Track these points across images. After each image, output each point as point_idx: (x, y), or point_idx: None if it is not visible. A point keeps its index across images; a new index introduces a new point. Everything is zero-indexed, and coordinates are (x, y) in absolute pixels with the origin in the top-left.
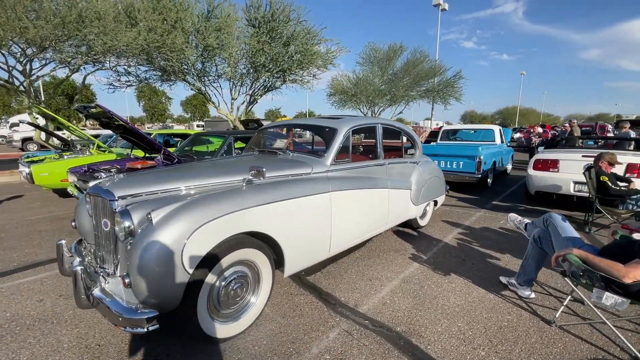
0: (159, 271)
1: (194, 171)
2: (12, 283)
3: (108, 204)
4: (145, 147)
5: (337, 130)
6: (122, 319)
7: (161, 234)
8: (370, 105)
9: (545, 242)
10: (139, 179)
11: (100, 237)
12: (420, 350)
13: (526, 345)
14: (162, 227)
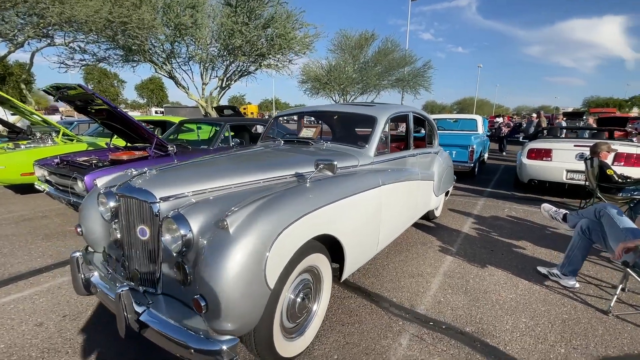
0: (243, 291)
1: (234, 165)
2: None
3: (147, 207)
4: (133, 136)
5: (377, 119)
6: (193, 351)
7: (242, 245)
8: (343, 93)
9: (594, 233)
10: (179, 175)
11: (133, 248)
12: (501, 352)
13: (597, 337)
14: (242, 236)
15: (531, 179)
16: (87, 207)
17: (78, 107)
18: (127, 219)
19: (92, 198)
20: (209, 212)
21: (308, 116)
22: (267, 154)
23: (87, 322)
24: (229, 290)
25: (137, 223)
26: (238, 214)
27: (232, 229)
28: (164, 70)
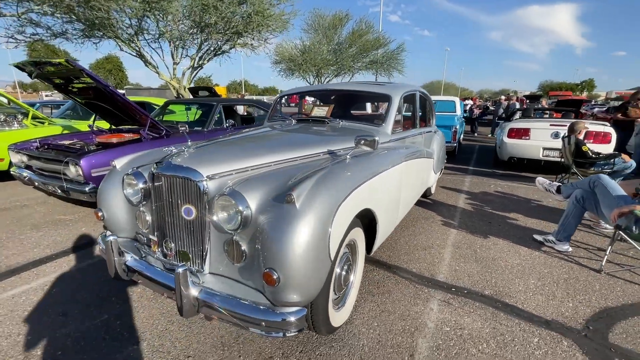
0: (312, 263)
1: (269, 143)
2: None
3: (194, 185)
4: (121, 118)
5: (392, 97)
6: (265, 323)
7: (309, 219)
8: (317, 75)
9: (588, 201)
10: (221, 153)
11: (175, 229)
12: (520, 310)
13: (595, 292)
14: (308, 210)
15: (511, 156)
16: (107, 190)
17: (57, 86)
18: (168, 199)
19: (111, 180)
20: (262, 188)
21: (310, 95)
22: (293, 132)
23: (113, 308)
24: (301, 262)
25: (182, 203)
26: (301, 189)
27: (299, 204)
28: (131, 47)
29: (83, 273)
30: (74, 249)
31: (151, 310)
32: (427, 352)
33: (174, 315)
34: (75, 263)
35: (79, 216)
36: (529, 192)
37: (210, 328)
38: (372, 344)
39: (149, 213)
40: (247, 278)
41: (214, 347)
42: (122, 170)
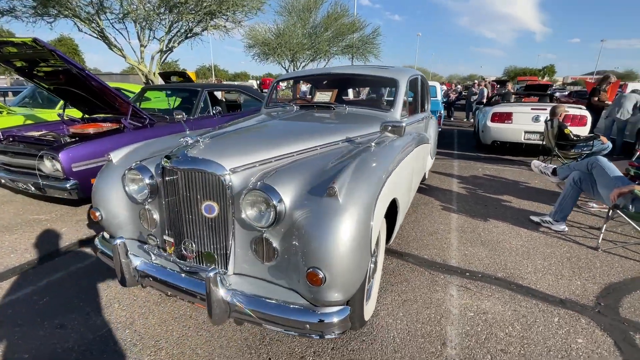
0: (357, 259)
1: (287, 132)
2: None
3: (216, 180)
4: (98, 105)
5: (399, 82)
6: (309, 325)
7: (352, 213)
8: (293, 59)
9: (585, 183)
10: (241, 143)
11: (194, 228)
12: (534, 290)
13: (598, 269)
14: (351, 204)
15: (494, 140)
16: (105, 187)
17: (20, 69)
18: (185, 195)
19: (108, 176)
20: (292, 181)
21: (311, 80)
22: (304, 119)
23: (119, 316)
24: (348, 260)
25: (202, 199)
26: (341, 180)
27: (341, 197)
28: (91, 28)
29: (74, 278)
30: (58, 253)
31: (161, 315)
32: (458, 340)
33: (188, 319)
34: (63, 268)
35: (56, 215)
36: (514, 174)
37: (231, 330)
38: (403, 335)
39: (157, 211)
40: (279, 277)
41: (240, 350)
42: (120, 165)
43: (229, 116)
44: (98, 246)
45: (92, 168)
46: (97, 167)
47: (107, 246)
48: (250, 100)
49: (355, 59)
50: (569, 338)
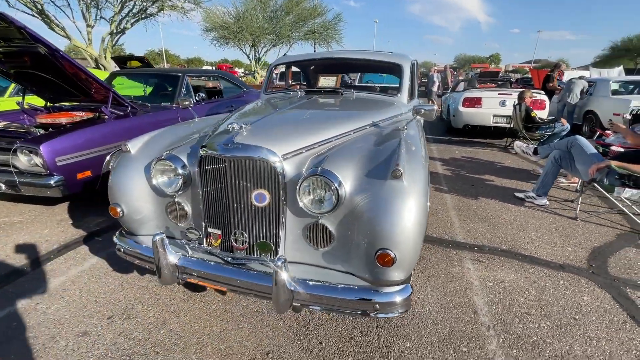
0: (420, 238)
1: (322, 117)
2: None
3: (269, 167)
4: (72, 92)
5: (404, 66)
6: (379, 305)
7: (416, 194)
8: (254, 44)
9: (564, 160)
10: (283, 128)
11: (242, 218)
12: (537, 258)
13: (582, 236)
14: (414, 185)
15: (466, 124)
16: (125, 180)
17: None
18: (234, 185)
19: (128, 168)
20: (345, 165)
21: (312, 64)
22: (325, 105)
23: (146, 317)
24: (415, 239)
25: (252, 188)
26: (402, 164)
27: (405, 179)
28: (28, 4)
29: (80, 283)
30: (50, 256)
31: (194, 312)
32: (487, 307)
33: (223, 313)
34: (63, 272)
35: (31, 216)
36: (488, 155)
37: (272, 320)
38: (437, 308)
39: (188, 203)
40: (334, 262)
41: (288, 338)
42: (139, 156)
43: (212, 103)
44: (118, 244)
45: (78, 162)
46: (84, 160)
47: (129, 243)
48: (231, 87)
49: (318, 45)
50: (577, 297)
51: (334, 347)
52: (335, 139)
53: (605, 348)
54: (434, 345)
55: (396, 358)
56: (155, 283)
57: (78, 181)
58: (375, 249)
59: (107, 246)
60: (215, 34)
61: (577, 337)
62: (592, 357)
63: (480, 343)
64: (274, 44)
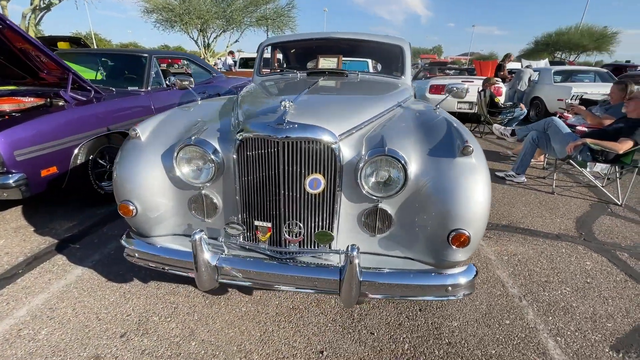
0: (488, 215)
1: (355, 96)
2: None
3: (327, 149)
4: (19, 74)
5: (404, 48)
6: (451, 287)
7: (484, 170)
8: (202, 29)
9: (541, 140)
10: (329, 106)
11: (294, 206)
12: (535, 231)
13: (564, 208)
14: (480, 161)
15: None
16: (136, 172)
17: None
18: (284, 170)
19: (138, 158)
20: (402, 144)
21: (307, 44)
22: (344, 85)
23: (170, 333)
24: (485, 217)
25: (306, 173)
26: (470, 140)
27: (474, 156)
28: None
29: (70, 299)
30: (17, 271)
31: (222, 317)
32: (511, 279)
33: (257, 314)
34: (42, 289)
35: None
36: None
37: (312, 315)
38: None
39: (218, 195)
40: (391, 248)
41: (337, 333)
42: (154, 143)
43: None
44: (128, 247)
45: (41, 156)
46: (48, 154)
47: (143, 246)
48: (200, 71)
49: (271, 32)
50: (581, 263)
51: (386, 335)
52: (375, 119)
53: (620, 306)
54: (479, 321)
55: (450, 337)
56: (165, 290)
57: (42, 179)
58: (449, 230)
59: (89, 254)
60: (158, 16)
61: (596, 299)
62: (614, 315)
63: (518, 314)
64: (224, 29)
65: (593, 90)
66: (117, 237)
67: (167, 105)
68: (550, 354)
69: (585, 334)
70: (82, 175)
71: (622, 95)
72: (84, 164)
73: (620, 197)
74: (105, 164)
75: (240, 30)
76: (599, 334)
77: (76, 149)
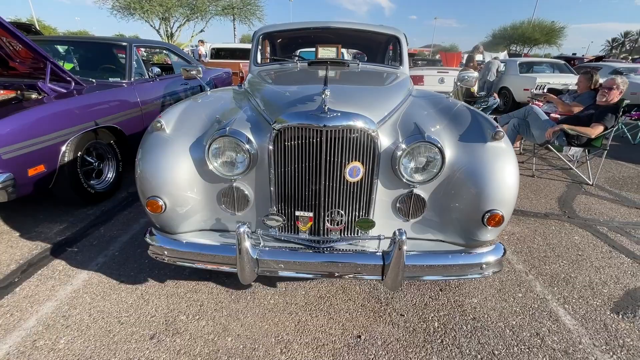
0: None
1: (372, 83)
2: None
3: (367, 137)
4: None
5: (400, 38)
6: (485, 264)
7: (512, 154)
8: (164, 18)
9: (521, 127)
10: (362, 95)
11: (333, 194)
12: (525, 211)
13: (546, 189)
14: (508, 144)
15: None
16: (163, 165)
17: None
18: (326, 159)
19: (164, 150)
20: (435, 129)
21: (301, 33)
22: (353, 75)
23: (200, 326)
24: (516, 196)
25: (346, 161)
26: (499, 126)
27: (503, 140)
28: None
29: (84, 304)
30: (13, 279)
31: (253, 311)
32: (515, 256)
33: (287, 305)
34: (47, 297)
35: None
36: None
37: (341, 302)
38: None
39: (250, 187)
40: (423, 232)
41: (368, 317)
42: (179, 134)
43: (167, 79)
44: (154, 245)
45: (28, 154)
46: (35, 152)
47: (171, 243)
48: (180, 61)
49: (238, 21)
50: (570, 238)
51: (415, 316)
52: (399, 107)
53: (610, 274)
54: (496, 296)
55: (473, 313)
56: (185, 289)
57: (29, 179)
58: (483, 211)
59: (91, 257)
60: (115, 3)
61: (589, 269)
62: (607, 282)
63: (528, 287)
64: (188, 18)
65: (554, 80)
66: (117, 238)
67: (153, 98)
68: (562, 320)
69: (587, 301)
70: (70, 173)
71: (588, 84)
72: (72, 161)
73: (591, 178)
74: (93, 161)
75: (206, 19)
76: (598, 299)
77: (63, 146)
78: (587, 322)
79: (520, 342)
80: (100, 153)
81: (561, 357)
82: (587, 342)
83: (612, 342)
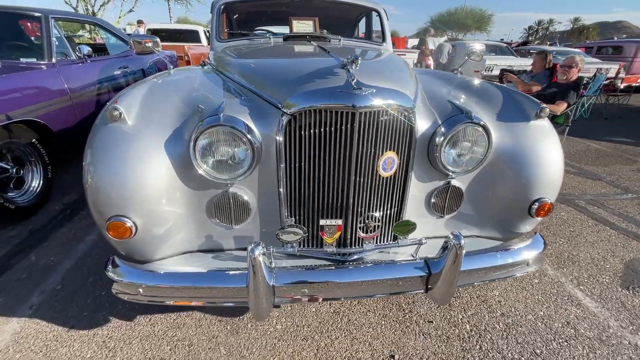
0: None
1: (381, 60)
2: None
3: (401, 120)
4: None
5: (380, 11)
6: (531, 260)
7: (554, 130)
8: None
9: None
10: (387, 71)
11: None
12: None
13: None
14: (549, 123)
15: None
16: (130, 171)
17: None
18: (358, 149)
19: (129, 149)
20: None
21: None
22: (348, 51)
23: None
24: (561, 181)
25: (380, 151)
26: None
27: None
28: None
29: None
30: None
31: (258, 342)
32: None
33: (298, 329)
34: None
35: None
36: None
37: (360, 316)
38: None
39: (252, 193)
40: (457, 228)
41: (395, 330)
42: (147, 127)
43: (102, 61)
44: (121, 282)
45: None
46: None
47: (150, 277)
48: (112, 40)
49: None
50: (558, 215)
51: (444, 320)
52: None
53: (604, 247)
54: (514, 286)
55: (500, 308)
56: (164, 326)
57: None
58: (531, 200)
59: (21, 297)
60: None
61: (585, 244)
62: (606, 256)
63: (540, 271)
64: None
65: (501, 62)
66: (55, 266)
67: (85, 85)
68: (584, 304)
69: (597, 279)
70: None
71: (543, 64)
72: None
73: None
74: (8, 167)
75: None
76: (605, 276)
77: None
78: (605, 302)
79: (556, 335)
80: (18, 156)
81: (599, 345)
82: (615, 325)
83: (636, 320)
